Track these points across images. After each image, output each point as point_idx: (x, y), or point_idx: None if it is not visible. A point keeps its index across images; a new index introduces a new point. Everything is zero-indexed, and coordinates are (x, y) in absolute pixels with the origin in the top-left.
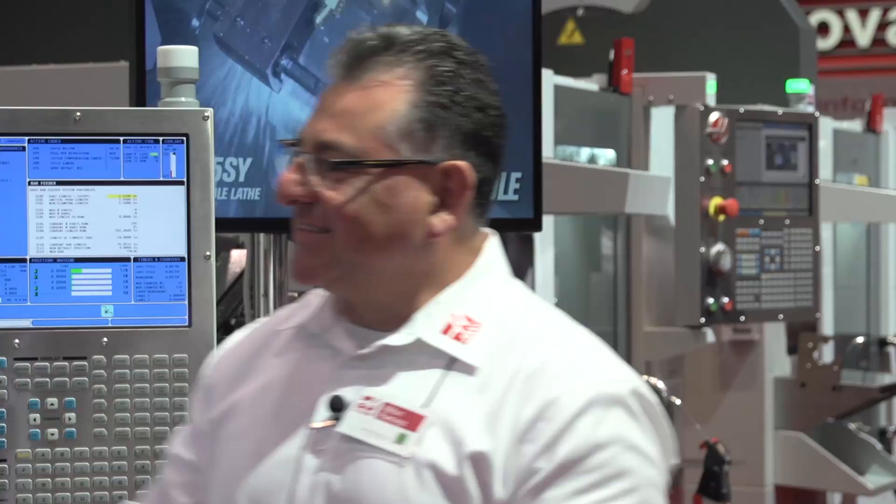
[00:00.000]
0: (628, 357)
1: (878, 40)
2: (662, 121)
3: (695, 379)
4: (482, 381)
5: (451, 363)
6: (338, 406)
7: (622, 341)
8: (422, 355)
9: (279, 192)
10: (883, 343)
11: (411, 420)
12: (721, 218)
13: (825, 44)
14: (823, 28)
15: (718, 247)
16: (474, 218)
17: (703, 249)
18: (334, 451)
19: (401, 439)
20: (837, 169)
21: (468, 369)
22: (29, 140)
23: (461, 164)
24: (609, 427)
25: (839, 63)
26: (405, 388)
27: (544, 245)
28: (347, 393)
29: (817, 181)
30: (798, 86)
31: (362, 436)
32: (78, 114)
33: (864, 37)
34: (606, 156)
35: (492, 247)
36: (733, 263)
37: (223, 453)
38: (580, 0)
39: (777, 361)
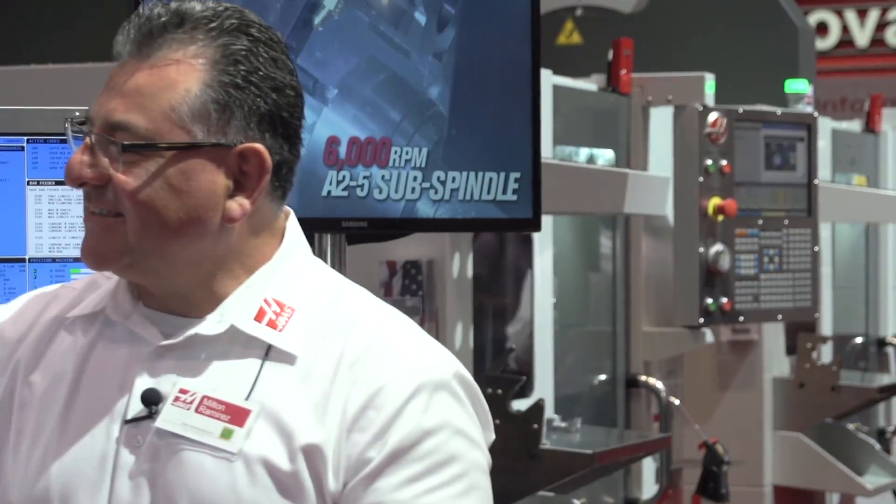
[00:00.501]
0: (627, 357)
1: (877, 40)
2: (661, 121)
3: (693, 379)
4: (304, 370)
5: (268, 351)
6: (150, 399)
7: (621, 341)
8: (236, 344)
9: (68, 173)
10: (882, 343)
11: (235, 414)
12: (720, 218)
13: (824, 44)
14: (822, 28)
15: (717, 247)
16: (274, 201)
17: (701, 249)
18: (152, 446)
19: (227, 434)
20: (836, 169)
21: (287, 357)
22: (28, 140)
23: (258, 146)
24: (436, 413)
25: (838, 63)
26: (223, 379)
27: (543, 245)
28: (159, 384)
29: (816, 181)
30: (797, 86)
31: (182, 430)
32: (77, 114)
33: (862, 37)
34: (605, 156)
35: (291, 226)
36: (732, 263)
37: (15, 447)
38: (579, 0)
39: (776, 362)
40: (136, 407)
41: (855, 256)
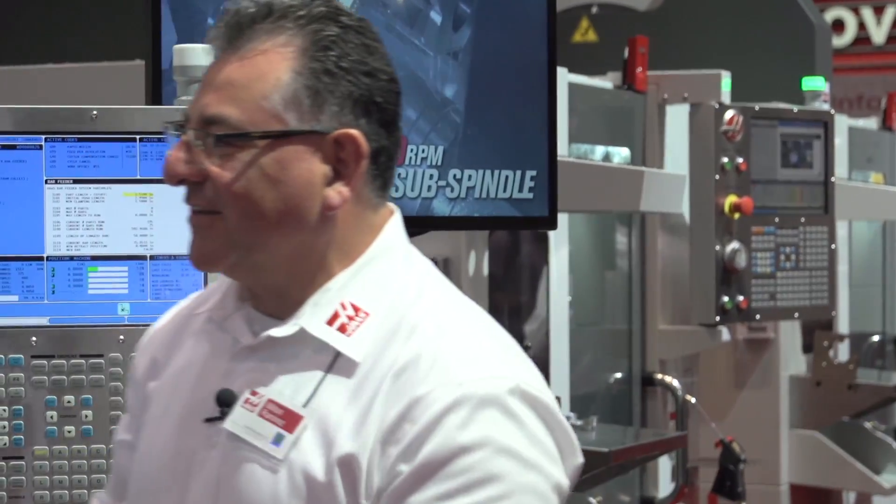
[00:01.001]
0: (643, 355)
1: (894, 37)
2: (677, 118)
3: (710, 377)
4: (361, 378)
5: (336, 357)
6: (225, 400)
7: (637, 339)
8: (307, 348)
9: (165, 171)
10: None
11: (289, 420)
12: (736, 216)
13: (840, 41)
14: (838, 25)
15: (733, 245)
16: (374, 192)
17: (718, 247)
18: (223, 449)
19: (278, 440)
20: (853, 167)
21: (350, 364)
22: (46, 139)
23: (353, 132)
24: (477, 428)
25: (854, 60)
26: (289, 384)
27: (559, 243)
28: (236, 385)
29: (833, 179)
30: (813, 83)
31: (244, 434)
32: (94, 112)
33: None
34: (621, 154)
35: (392, 226)
36: (748, 261)
37: (140, 441)
38: None
39: (792, 360)
40: (214, 407)
41: (872, 254)
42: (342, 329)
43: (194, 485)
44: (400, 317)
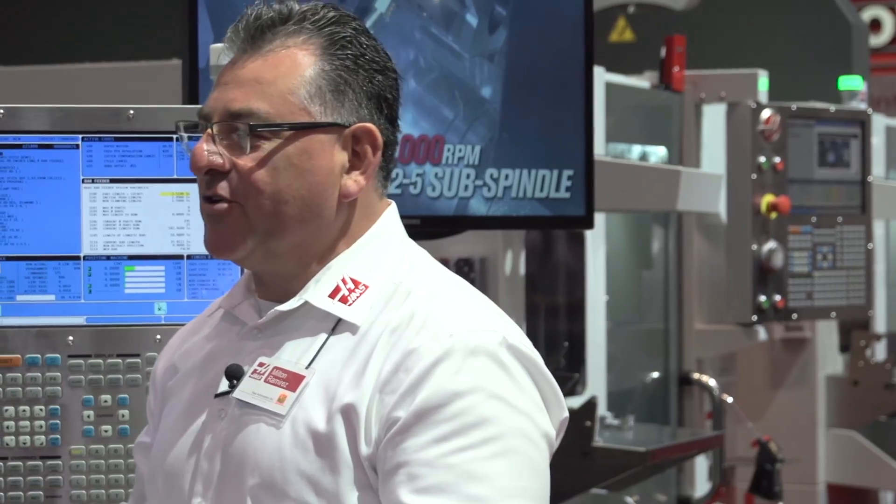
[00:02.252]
0: (680, 354)
1: None
2: (714, 118)
3: (747, 377)
4: (358, 338)
5: (337, 325)
6: (234, 374)
7: (673, 339)
8: (311, 319)
9: (193, 161)
10: None
11: (292, 381)
12: (773, 215)
13: (878, 40)
14: (876, 25)
15: (770, 244)
16: (380, 182)
17: (754, 247)
18: (231, 416)
19: (281, 399)
20: (890, 166)
21: (351, 328)
22: (83, 138)
23: (370, 125)
24: (469, 376)
25: (892, 60)
26: (293, 351)
27: (596, 243)
28: (244, 360)
29: (870, 178)
30: (850, 83)
31: (251, 399)
32: (131, 112)
33: None
34: (658, 153)
35: (390, 213)
36: (785, 261)
37: (157, 437)
38: None
39: (829, 359)
40: (224, 383)
41: None
42: (343, 300)
43: (203, 454)
44: (396, 285)
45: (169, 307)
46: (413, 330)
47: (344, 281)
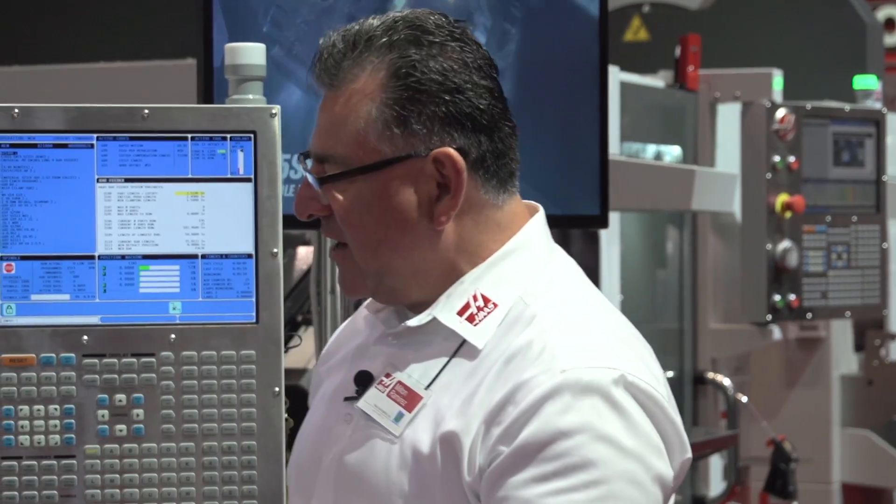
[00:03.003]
0: (694, 354)
1: None
2: (729, 117)
3: (761, 376)
4: (478, 363)
5: (462, 344)
6: (362, 380)
7: (688, 338)
8: (438, 336)
9: (295, 209)
10: None
11: (411, 400)
12: (788, 215)
13: (892, 40)
14: (890, 24)
15: (785, 244)
16: (491, 192)
17: (769, 246)
18: (356, 424)
19: (398, 418)
20: None
21: (473, 351)
22: (97, 137)
23: (446, 150)
24: (577, 415)
25: None
26: (418, 368)
27: (610, 242)
28: (377, 367)
29: (885, 178)
30: (865, 82)
31: (372, 412)
32: (146, 111)
33: None
34: (672, 152)
35: (531, 225)
36: (800, 260)
37: (301, 427)
38: None
39: (844, 359)
40: (352, 388)
41: None
42: (470, 319)
43: (325, 458)
44: (524, 307)
45: (184, 307)
46: (528, 361)
47: (475, 297)
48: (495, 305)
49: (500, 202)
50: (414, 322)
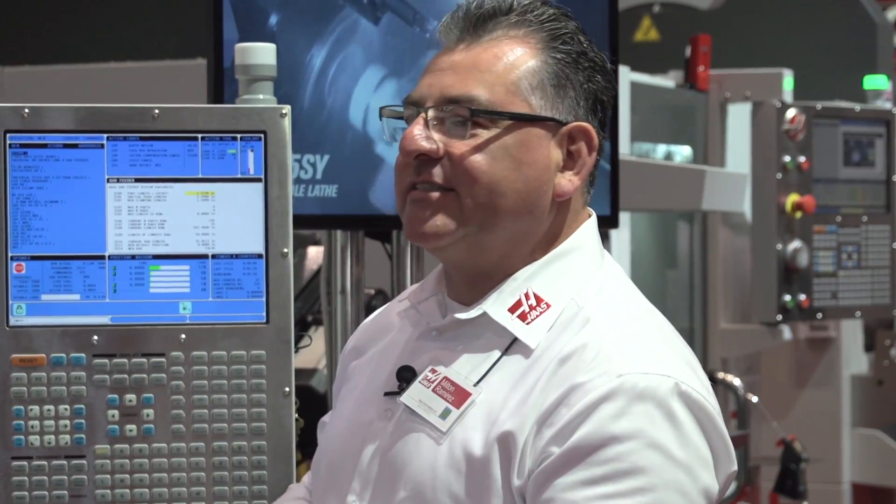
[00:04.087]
0: (704, 354)
1: None
2: (739, 117)
3: (771, 376)
4: (531, 363)
5: (513, 342)
6: (406, 376)
7: (698, 338)
8: (488, 331)
9: (405, 145)
10: None
11: (459, 396)
12: (798, 215)
13: None
14: None
15: (795, 244)
16: (586, 187)
17: (779, 246)
18: (397, 420)
19: (445, 414)
20: None
21: (525, 350)
22: (108, 137)
23: (587, 125)
24: (631, 420)
25: None
26: (466, 364)
27: (621, 242)
28: (418, 362)
29: (895, 178)
30: (876, 82)
31: (416, 407)
32: (156, 111)
33: None
34: (682, 152)
35: (588, 225)
36: (810, 260)
37: (330, 422)
38: None
39: (854, 359)
40: (394, 382)
41: None
42: (522, 317)
43: (365, 453)
44: (577, 309)
45: (194, 307)
46: (583, 363)
47: (527, 296)
48: (548, 306)
49: (585, 201)
50: (464, 315)
